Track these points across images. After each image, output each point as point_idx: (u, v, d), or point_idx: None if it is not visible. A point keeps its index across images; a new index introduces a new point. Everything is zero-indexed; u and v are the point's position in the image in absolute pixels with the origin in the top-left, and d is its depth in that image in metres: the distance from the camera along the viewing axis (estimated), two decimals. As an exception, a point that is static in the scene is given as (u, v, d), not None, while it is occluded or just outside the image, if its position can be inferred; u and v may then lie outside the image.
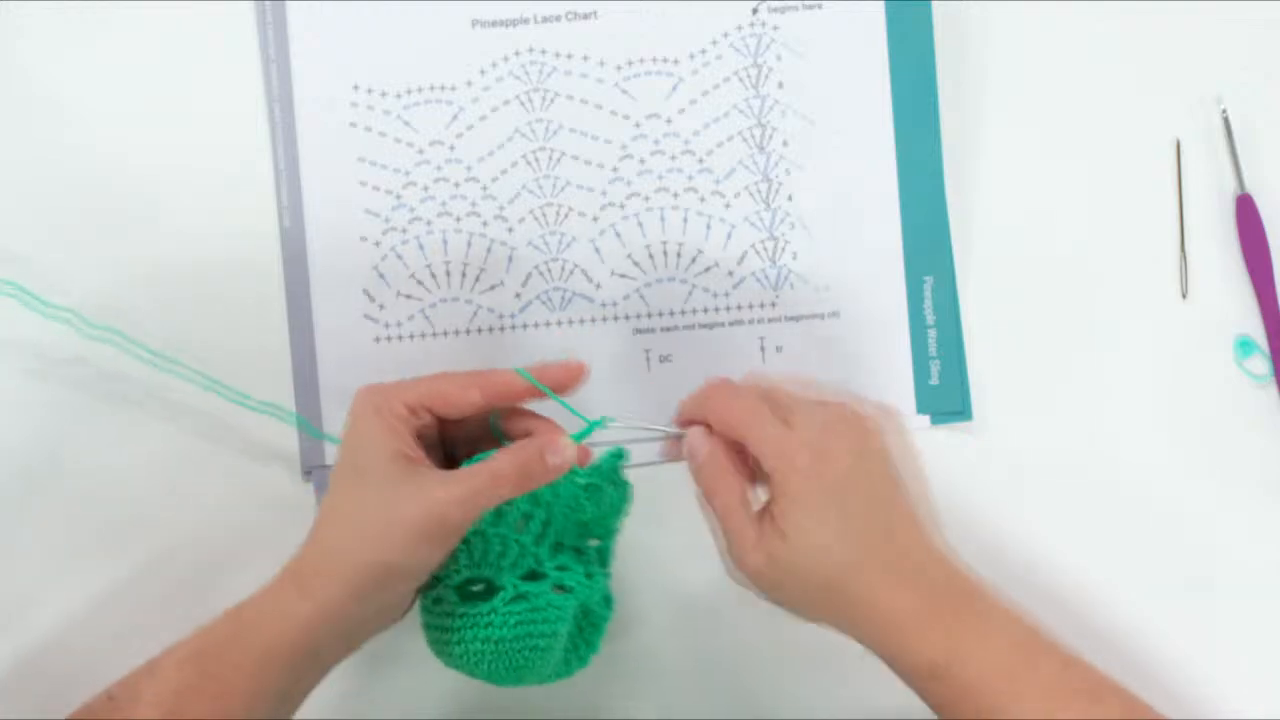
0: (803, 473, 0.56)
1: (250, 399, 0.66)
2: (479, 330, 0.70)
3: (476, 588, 0.59)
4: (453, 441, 0.61)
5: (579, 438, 0.59)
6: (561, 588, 0.59)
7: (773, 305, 0.70)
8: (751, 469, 0.60)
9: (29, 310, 0.68)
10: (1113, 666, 0.67)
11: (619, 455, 0.60)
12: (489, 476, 0.55)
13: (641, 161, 0.70)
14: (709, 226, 0.70)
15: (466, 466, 0.56)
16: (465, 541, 0.58)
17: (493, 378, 0.58)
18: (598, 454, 0.60)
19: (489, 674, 0.59)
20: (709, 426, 0.60)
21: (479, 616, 0.58)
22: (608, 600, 0.61)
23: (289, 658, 0.55)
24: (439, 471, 0.56)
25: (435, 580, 0.59)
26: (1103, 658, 0.67)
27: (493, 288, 0.70)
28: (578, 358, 0.60)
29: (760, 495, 0.59)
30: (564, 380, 0.59)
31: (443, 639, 0.58)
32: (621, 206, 0.70)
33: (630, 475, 0.61)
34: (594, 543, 0.61)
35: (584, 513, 0.59)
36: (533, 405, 0.61)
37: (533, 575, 0.59)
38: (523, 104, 0.70)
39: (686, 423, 0.61)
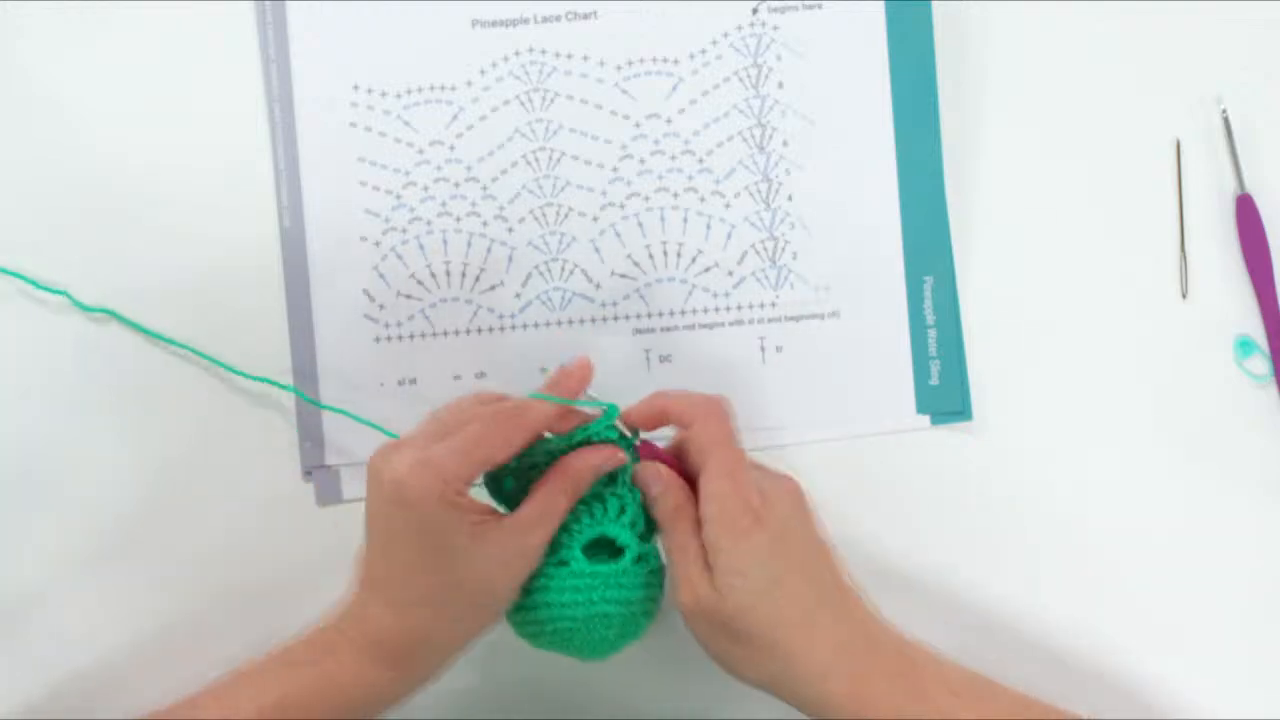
0: (739, 533, 0.55)
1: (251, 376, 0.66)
2: (479, 330, 0.70)
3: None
4: None
5: (598, 429, 0.59)
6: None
7: (773, 305, 0.70)
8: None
9: (30, 310, 0.69)
10: (1111, 667, 0.67)
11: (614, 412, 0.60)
12: (559, 511, 0.57)
13: (641, 161, 0.70)
14: (709, 226, 0.70)
15: (532, 501, 0.57)
16: (585, 501, 0.58)
17: (530, 420, 0.57)
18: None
19: (596, 638, 0.58)
20: (670, 450, 0.60)
21: (614, 575, 0.58)
22: None
23: (372, 714, 0.57)
24: (511, 521, 0.56)
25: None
26: (1103, 658, 0.67)
27: (493, 288, 0.70)
28: (582, 355, 0.60)
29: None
30: (580, 383, 0.59)
31: (557, 600, 0.58)
32: (621, 206, 0.70)
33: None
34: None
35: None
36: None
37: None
38: (523, 104, 0.70)
39: (659, 410, 0.60)
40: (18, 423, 0.69)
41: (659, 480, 0.58)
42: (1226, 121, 0.70)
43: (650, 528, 0.60)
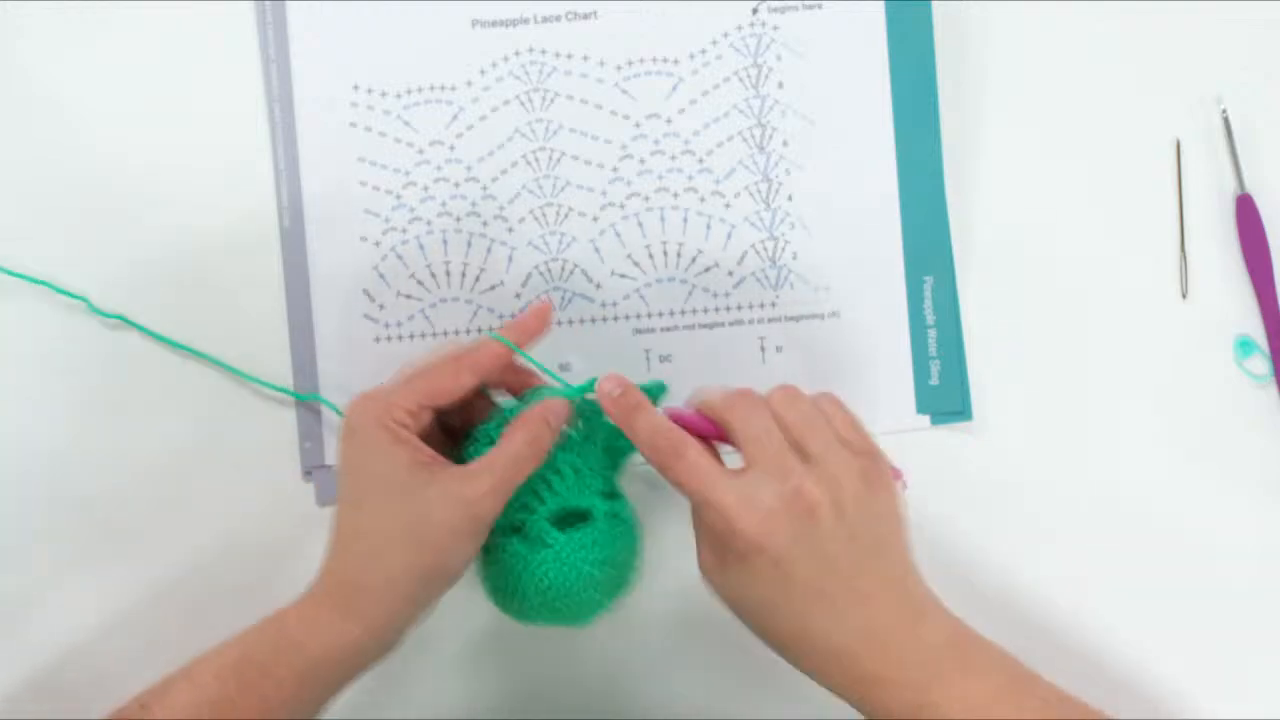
0: (758, 526, 0.53)
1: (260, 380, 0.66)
2: (479, 330, 0.70)
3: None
4: (444, 410, 0.60)
5: (573, 393, 0.59)
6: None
7: (773, 305, 0.70)
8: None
9: (31, 311, 0.69)
10: (1112, 667, 0.67)
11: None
12: (510, 461, 0.56)
13: (641, 161, 0.70)
14: (709, 226, 0.70)
15: (482, 456, 0.57)
16: (545, 475, 0.58)
17: (478, 356, 0.59)
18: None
19: (587, 602, 0.58)
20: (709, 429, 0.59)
21: (589, 537, 0.58)
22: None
23: (333, 674, 0.56)
24: (458, 468, 0.56)
25: (512, 526, 0.58)
26: (1103, 658, 0.67)
27: (493, 288, 0.70)
28: (544, 297, 0.61)
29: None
30: (538, 325, 0.60)
31: (540, 574, 0.58)
32: (621, 206, 0.70)
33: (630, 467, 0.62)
34: None
35: (621, 442, 0.60)
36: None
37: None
38: (523, 104, 0.70)
39: (697, 414, 0.58)
40: (18, 422, 0.69)
41: (615, 381, 0.58)
42: (1226, 121, 0.70)
43: (612, 486, 0.60)
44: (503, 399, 0.62)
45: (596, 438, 0.60)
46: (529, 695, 0.68)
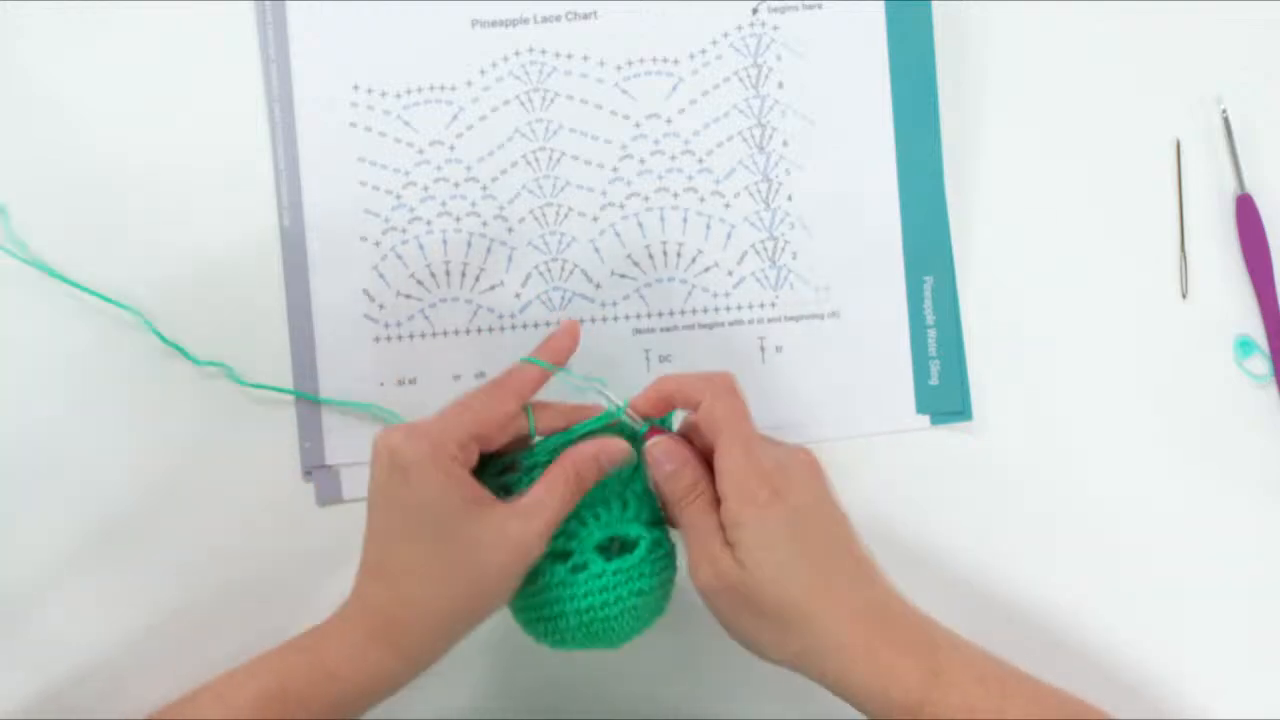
0: (760, 506, 0.55)
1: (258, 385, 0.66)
2: (479, 330, 0.70)
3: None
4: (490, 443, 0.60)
5: (599, 423, 0.59)
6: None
7: (773, 305, 0.70)
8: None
9: (31, 311, 0.69)
10: (1112, 667, 0.67)
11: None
12: (562, 502, 0.56)
13: (641, 161, 0.70)
14: (709, 226, 0.70)
15: (533, 493, 0.56)
16: (593, 502, 0.58)
17: (516, 380, 0.58)
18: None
19: (626, 628, 0.59)
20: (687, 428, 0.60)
21: (635, 568, 0.58)
22: None
23: (367, 702, 0.57)
24: (509, 507, 0.56)
25: (557, 553, 0.58)
26: (1103, 657, 0.67)
27: (493, 288, 0.70)
28: (592, 360, 0.60)
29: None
30: (570, 343, 0.60)
31: (586, 604, 0.58)
32: (621, 206, 0.70)
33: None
34: None
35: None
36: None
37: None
38: (523, 104, 0.70)
39: (665, 394, 0.60)
40: (19, 422, 0.69)
41: (671, 457, 0.58)
42: (1226, 121, 0.70)
43: (656, 514, 0.60)
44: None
45: (643, 465, 0.60)
46: (530, 695, 0.68)
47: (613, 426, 0.59)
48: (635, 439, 0.60)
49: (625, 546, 0.59)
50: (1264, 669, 0.68)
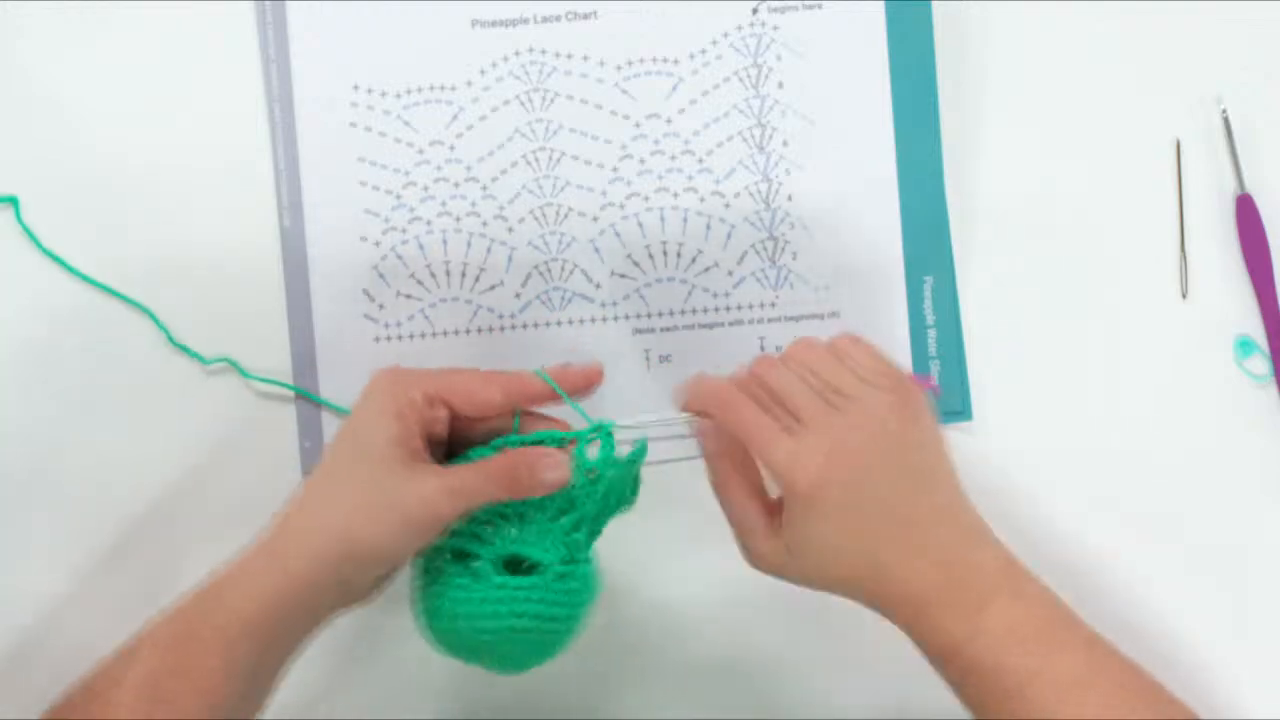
0: (813, 479, 0.54)
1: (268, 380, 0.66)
2: (479, 330, 0.70)
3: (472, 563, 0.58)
4: (464, 443, 0.59)
5: (582, 437, 0.58)
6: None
7: (773, 305, 0.70)
8: None
9: (31, 311, 0.69)
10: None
11: (642, 452, 0.59)
12: (483, 476, 0.56)
13: (641, 161, 0.70)
14: (709, 226, 0.70)
15: (459, 463, 0.56)
16: (511, 515, 0.57)
17: (514, 380, 0.58)
18: (623, 451, 0.59)
19: (512, 653, 0.57)
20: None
21: (528, 590, 0.56)
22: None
23: (256, 630, 0.55)
24: (434, 465, 0.56)
25: (461, 553, 0.57)
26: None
27: (493, 288, 0.70)
28: (584, 358, 0.59)
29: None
30: (583, 385, 0.59)
31: (468, 611, 0.56)
32: (621, 206, 0.70)
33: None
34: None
35: (617, 504, 0.59)
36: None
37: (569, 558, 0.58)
38: (523, 104, 0.70)
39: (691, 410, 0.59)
40: (19, 422, 0.69)
41: (709, 439, 0.58)
42: (1226, 121, 0.70)
43: (576, 555, 0.58)
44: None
45: (594, 494, 0.58)
46: (530, 695, 0.68)
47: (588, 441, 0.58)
48: (592, 470, 0.58)
49: (530, 570, 0.57)
50: (1264, 668, 0.68)
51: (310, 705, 0.67)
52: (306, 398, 0.69)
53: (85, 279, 0.69)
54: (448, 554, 0.57)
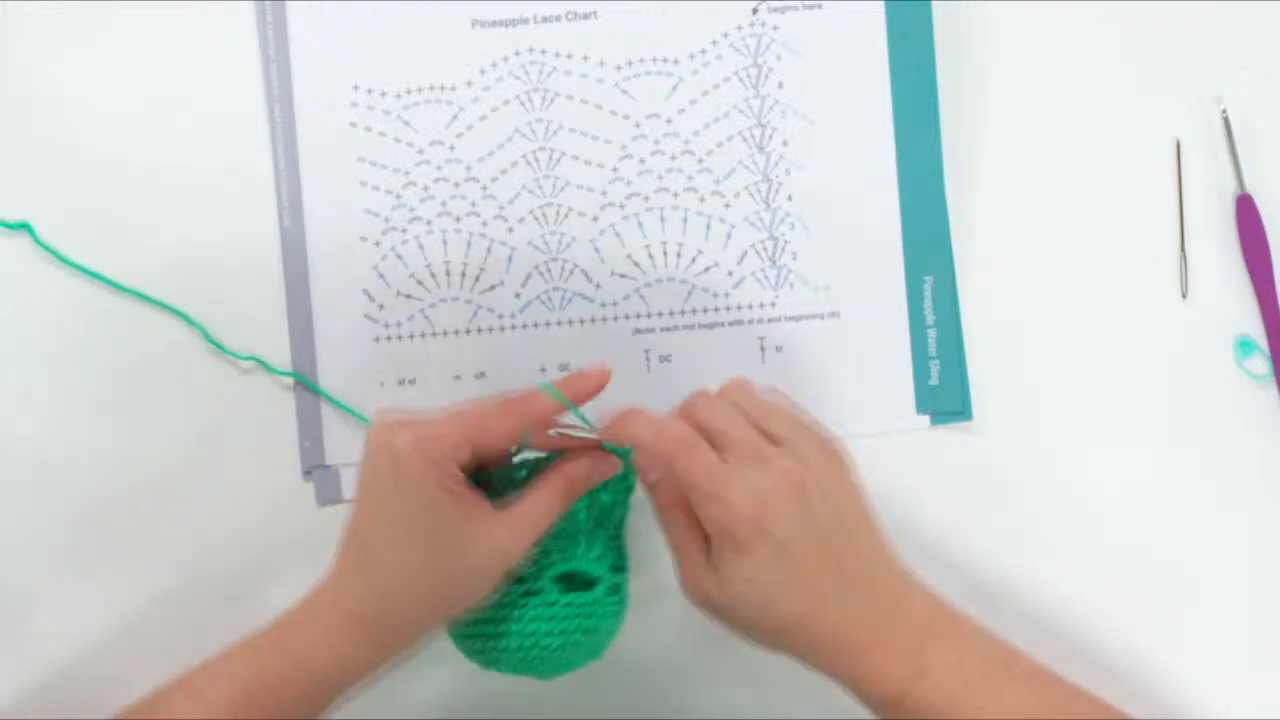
0: (745, 522, 0.53)
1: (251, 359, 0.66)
2: (479, 330, 0.70)
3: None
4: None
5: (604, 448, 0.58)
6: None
7: (773, 305, 0.70)
8: None
9: (31, 311, 0.69)
10: (1112, 666, 0.67)
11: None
12: (549, 514, 0.57)
13: (641, 161, 0.70)
14: (709, 226, 0.70)
15: (521, 503, 0.56)
16: (565, 535, 0.58)
17: (529, 406, 0.57)
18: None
19: (562, 662, 0.58)
20: None
21: (590, 605, 0.58)
22: None
23: (342, 693, 0.57)
24: (498, 515, 0.56)
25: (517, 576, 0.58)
26: (1103, 657, 0.67)
27: (493, 288, 0.70)
28: (589, 359, 0.59)
29: None
30: (594, 391, 0.59)
31: (535, 629, 0.57)
32: (621, 206, 0.70)
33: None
34: None
35: (624, 508, 0.60)
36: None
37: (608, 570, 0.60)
38: (523, 104, 0.70)
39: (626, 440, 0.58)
40: (19, 422, 0.69)
41: (656, 467, 0.57)
42: (1226, 121, 0.70)
43: (620, 561, 0.60)
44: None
45: (622, 503, 0.60)
46: (529, 694, 0.68)
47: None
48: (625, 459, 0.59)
49: (584, 584, 0.58)
50: (1264, 668, 0.68)
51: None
52: (341, 407, 0.69)
53: (115, 285, 0.68)
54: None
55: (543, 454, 0.59)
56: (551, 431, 0.58)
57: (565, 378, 0.59)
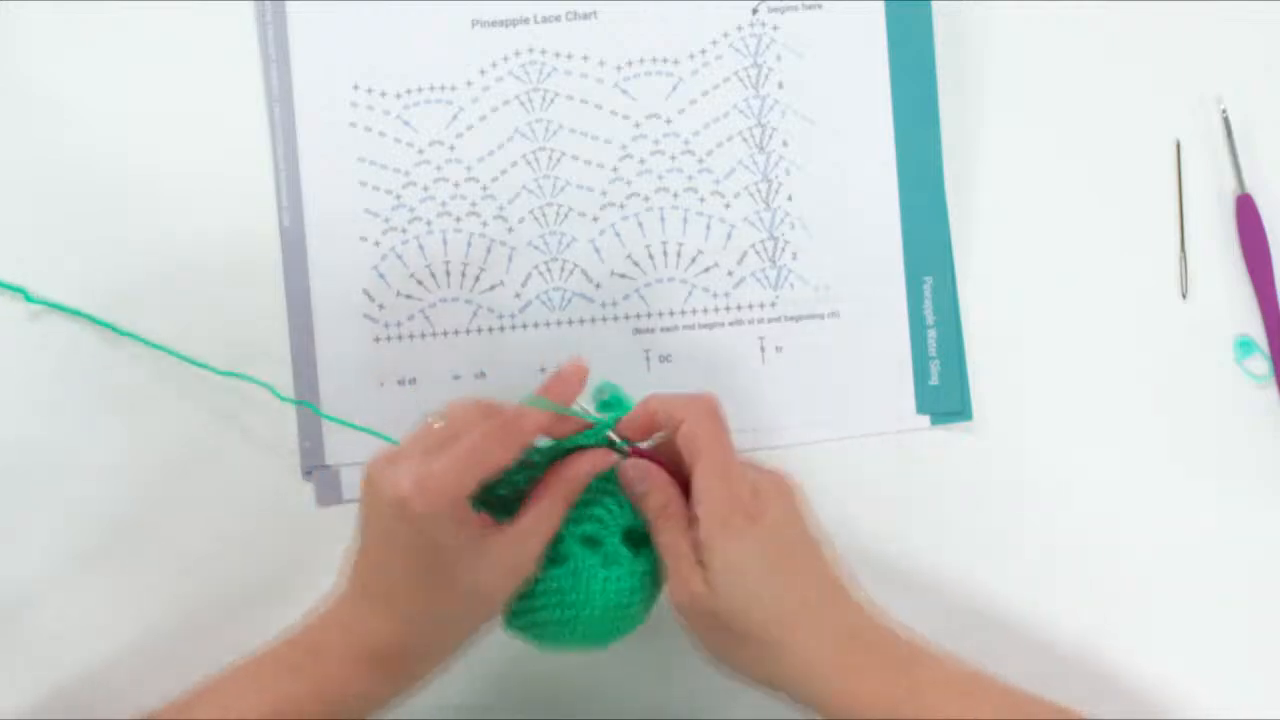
0: (733, 531, 0.55)
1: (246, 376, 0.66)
2: (479, 330, 0.70)
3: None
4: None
5: (588, 439, 0.58)
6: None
7: (773, 305, 0.70)
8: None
9: (31, 311, 0.69)
10: (1111, 666, 0.67)
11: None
12: (552, 521, 0.57)
13: (641, 161, 0.70)
14: (709, 226, 0.70)
15: (523, 516, 0.56)
16: (583, 503, 0.58)
17: (523, 426, 0.56)
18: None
19: (613, 629, 0.58)
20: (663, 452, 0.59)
21: (654, 564, 0.58)
22: None
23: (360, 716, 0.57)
24: (506, 533, 0.56)
25: (590, 539, 0.58)
26: (1103, 657, 0.67)
27: (493, 288, 0.70)
28: (576, 357, 0.59)
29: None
30: (576, 388, 0.58)
31: (617, 588, 0.57)
32: (621, 206, 0.70)
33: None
34: None
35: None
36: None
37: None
38: (523, 104, 0.70)
39: (648, 419, 0.59)
40: (19, 423, 0.69)
41: (645, 478, 0.58)
42: (1226, 121, 0.70)
43: (644, 533, 0.59)
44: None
45: None
46: (528, 694, 0.68)
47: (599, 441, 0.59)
48: (621, 452, 0.59)
49: (643, 540, 0.58)
50: (1264, 669, 0.68)
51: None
52: (347, 425, 0.69)
53: (133, 337, 0.68)
54: (576, 541, 0.58)
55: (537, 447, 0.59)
56: (623, 446, 0.59)
57: (546, 385, 0.57)
